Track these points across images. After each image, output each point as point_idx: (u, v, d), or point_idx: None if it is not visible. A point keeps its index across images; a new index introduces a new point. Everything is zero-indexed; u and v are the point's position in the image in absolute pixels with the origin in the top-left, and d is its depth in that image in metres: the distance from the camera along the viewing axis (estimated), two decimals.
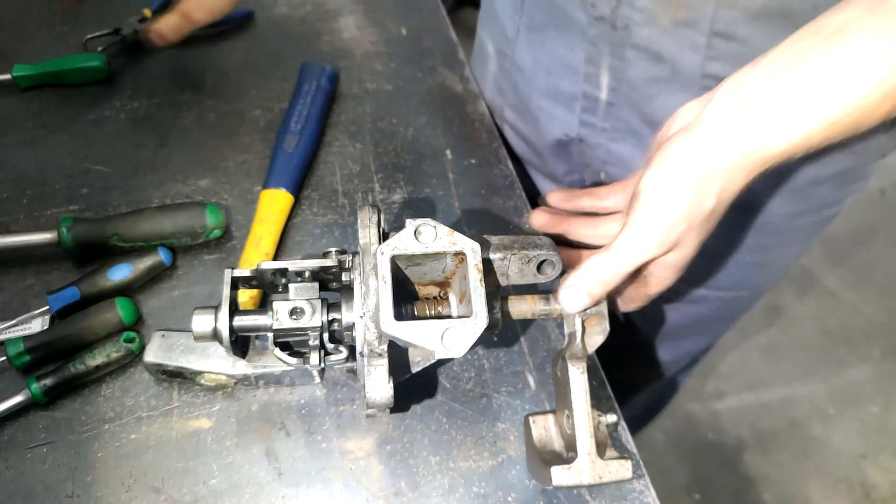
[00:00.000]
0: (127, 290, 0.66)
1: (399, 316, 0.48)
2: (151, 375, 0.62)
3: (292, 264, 0.54)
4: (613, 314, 0.57)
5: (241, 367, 0.60)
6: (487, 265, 0.55)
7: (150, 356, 0.60)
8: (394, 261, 0.50)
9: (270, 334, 0.54)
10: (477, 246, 0.51)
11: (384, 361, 0.50)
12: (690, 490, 1.74)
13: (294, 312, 0.53)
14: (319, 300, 0.54)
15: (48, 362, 0.61)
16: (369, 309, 0.50)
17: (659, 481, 0.59)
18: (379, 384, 0.50)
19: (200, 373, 0.60)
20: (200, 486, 0.57)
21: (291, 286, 0.55)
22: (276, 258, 0.71)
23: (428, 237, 0.51)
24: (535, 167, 0.93)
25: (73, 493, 0.56)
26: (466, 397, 0.63)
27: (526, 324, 0.68)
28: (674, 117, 0.55)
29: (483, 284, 0.49)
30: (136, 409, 0.61)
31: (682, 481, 1.75)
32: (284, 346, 0.56)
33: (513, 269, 0.56)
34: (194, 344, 0.61)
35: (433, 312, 0.55)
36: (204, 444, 0.59)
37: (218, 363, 0.60)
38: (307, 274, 0.55)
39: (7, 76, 0.84)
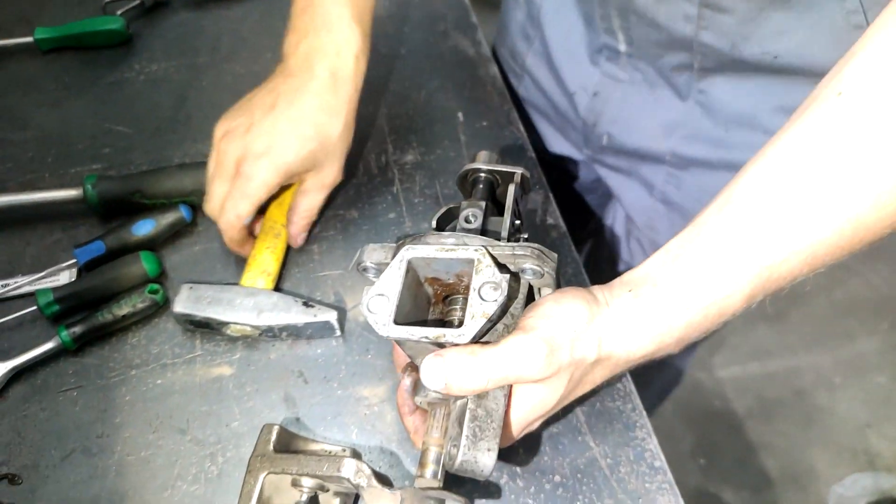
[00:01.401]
0: (150, 245, 0.68)
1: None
2: (179, 325, 0.65)
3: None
4: None
5: (265, 318, 0.63)
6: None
7: (179, 307, 0.63)
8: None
9: None
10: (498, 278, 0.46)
11: None
12: (695, 455, 1.77)
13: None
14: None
15: (76, 312, 0.64)
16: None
17: (665, 446, 0.61)
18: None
19: (227, 323, 0.63)
20: (223, 427, 0.60)
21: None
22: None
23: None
24: (548, 120, 0.94)
25: (104, 433, 0.59)
26: None
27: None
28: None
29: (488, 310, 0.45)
30: (162, 357, 0.63)
31: (687, 447, 1.78)
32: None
33: None
34: (221, 296, 0.63)
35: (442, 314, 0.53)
36: (226, 389, 0.62)
37: (244, 315, 0.63)
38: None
39: (29, 39, 0.86)
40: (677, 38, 0.68)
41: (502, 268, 0.49)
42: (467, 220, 0.54)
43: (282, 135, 0.64)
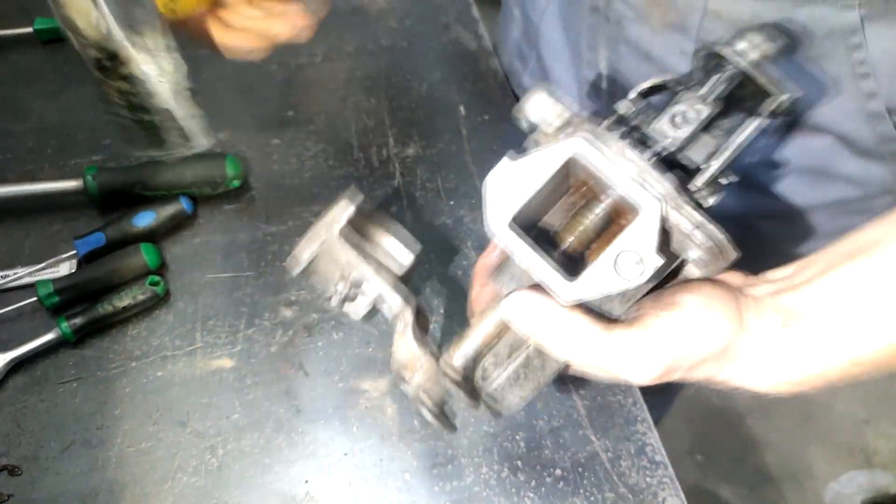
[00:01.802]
0: (150, 237, 0.68)
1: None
2: None
3: None
4: None
5: None
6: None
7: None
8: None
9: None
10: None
11: None
12: (693, 452, 1.77)
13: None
14: None
15: (76, 303, 0.64)
16: None
17: (663, 442, 0.61)
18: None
19: None
20: (223, 420, 0.60)
21: None
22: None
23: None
24: None
25: (103, 424, 0.59)
26: None
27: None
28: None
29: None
30: (162, 349, 0.63)
31: (685, 443, 1.78)
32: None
33: None
34: None
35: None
36: (226, 381, 0.62)
37: None
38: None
39: (29, 30, 0.86)
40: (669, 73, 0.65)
41: (664, 245, 0.38)
42: (675, 120, 0.41)
43: None
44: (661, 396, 1.07)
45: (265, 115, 0.81)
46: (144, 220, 0.68)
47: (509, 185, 0.37)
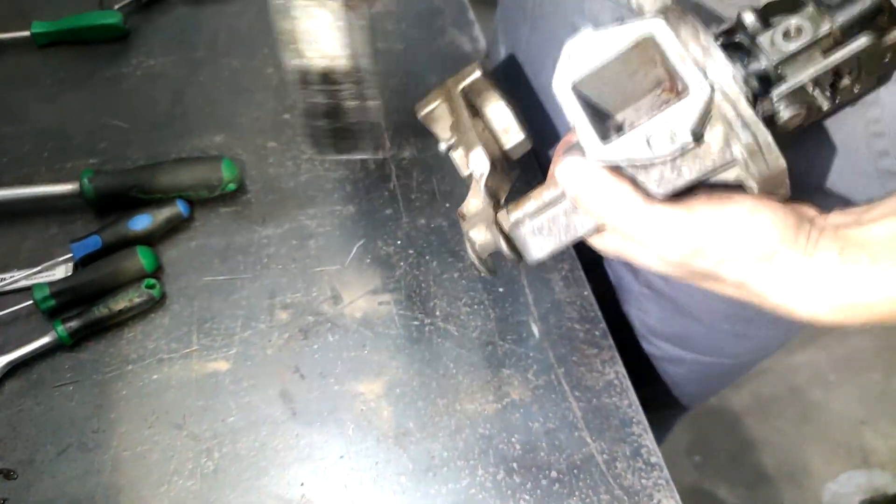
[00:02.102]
0: (147, 240, 0.68)
1: None
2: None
3: None
4: None
5: None
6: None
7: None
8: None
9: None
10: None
11: None
12: (691, 452, 1.77)
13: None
14: None
15: (73, 307, 0.64)
16: None
17: (660, 443, 0.61)
18: None
19: None
20: (219, 423, 0.60)
21: None
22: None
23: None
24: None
25: (99, 428, 0.59)
26: (473, 344, 0.66)
27: (531, 276, 0.71)
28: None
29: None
30: (158, 352, 0.63)
31: (682, 444, 1.78)
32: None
33: None
34: None
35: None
36: (222, 384, 0.62)
37: None
38: None
39: (25, 33, 0.86)
40: None
41: (700, 128, 0.38)
42: (788, 32, 0.39)
43: None
44: (667, 412, 1.07)
45: (261, 118, 0.81)
46: (141, 223, 0.68)
47: (583, 53, 0.40)
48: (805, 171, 0.54)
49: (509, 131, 0.54)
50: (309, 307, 0.67)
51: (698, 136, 0.38)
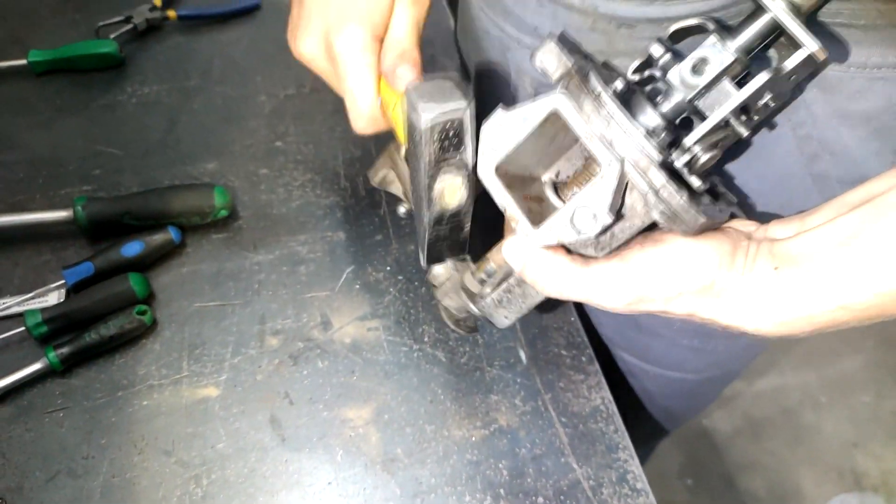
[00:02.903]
0: (139, 266, 0.69)
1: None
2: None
3: None
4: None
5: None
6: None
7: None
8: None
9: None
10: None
11: None
12: (683, 475, 1.77)
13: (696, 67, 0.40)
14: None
15: (64, 333, 0.65)
16: None
17: (651, 465, 0.62)
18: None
19: None
20: (209, 449, 0.60)
21: None
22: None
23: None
24: None
25: (89, 454, 0.60)
26: (461, 370, 0.66)
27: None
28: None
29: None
30: (148, 378, 0.64)
31: (674, 466, 1.78)
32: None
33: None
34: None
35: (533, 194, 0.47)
36: (212, 411, 0.62)
37: None
38: None
39: (23, 61, 0.87)
40: None
41: (618, 203, 0.40)
42: (696, 67, 0.40)
43: None
44: (654, 429, 1.07)
45: (253, 146, 0.83)
46: (133, 249, 0.69)
47: (500, 134, 0.42)
48: (742, 185, 0.56)
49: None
50: (299, 333, 0.68)
51: (618, 212, 0.40)
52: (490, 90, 0.73)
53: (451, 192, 0.50)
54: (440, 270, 0.59)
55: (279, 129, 0.84)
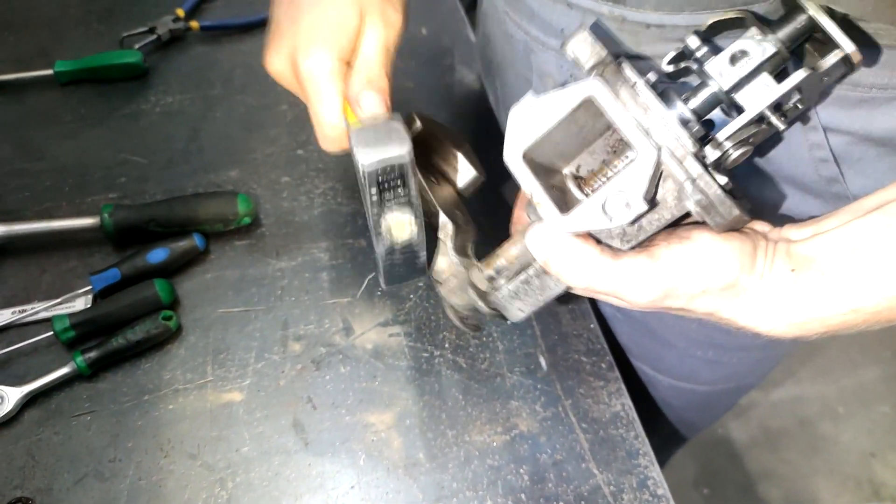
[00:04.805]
0: (164, 272, 0.70)
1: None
2: None
3: None
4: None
5: None
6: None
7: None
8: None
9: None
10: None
11: None
12: (699, 485, 1.76)
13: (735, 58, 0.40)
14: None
15: (91, 338, 0.66)
16: None
17: (668, 475, 0.62)
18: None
19: None
20: (233, 453, 0.61)
21: None
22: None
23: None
24: None
25: (116, 457, 0.60)
26: (482, 376, 0.67)
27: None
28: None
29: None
30: (173, 382, 0.65)
31: (690, 476, 1.77)
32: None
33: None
34: None
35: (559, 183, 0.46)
36: (236, 415, 0.63)
37: None
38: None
39: (49, 72, 0.89)
40: None
41: (653, 191, 0.40)
42: (734, 58, 0.40)
43: (309, 11, 0.53)
44: (670, 437, 1.07)
45: (275, 154, 0.84)
46: (158, 256, 0.70)
47: (529, 120, 0.40)
48: (757, 197, 0.57)
49: (460, 171, 0.57)
50: (321, 339, 0.68)
51: (652, 201, 0.40)
52: (511, 95, 0.73)
53: (398, 227, 0.51)
54: (443, 266, 0.57)
55: (300, 137, 0.86)
